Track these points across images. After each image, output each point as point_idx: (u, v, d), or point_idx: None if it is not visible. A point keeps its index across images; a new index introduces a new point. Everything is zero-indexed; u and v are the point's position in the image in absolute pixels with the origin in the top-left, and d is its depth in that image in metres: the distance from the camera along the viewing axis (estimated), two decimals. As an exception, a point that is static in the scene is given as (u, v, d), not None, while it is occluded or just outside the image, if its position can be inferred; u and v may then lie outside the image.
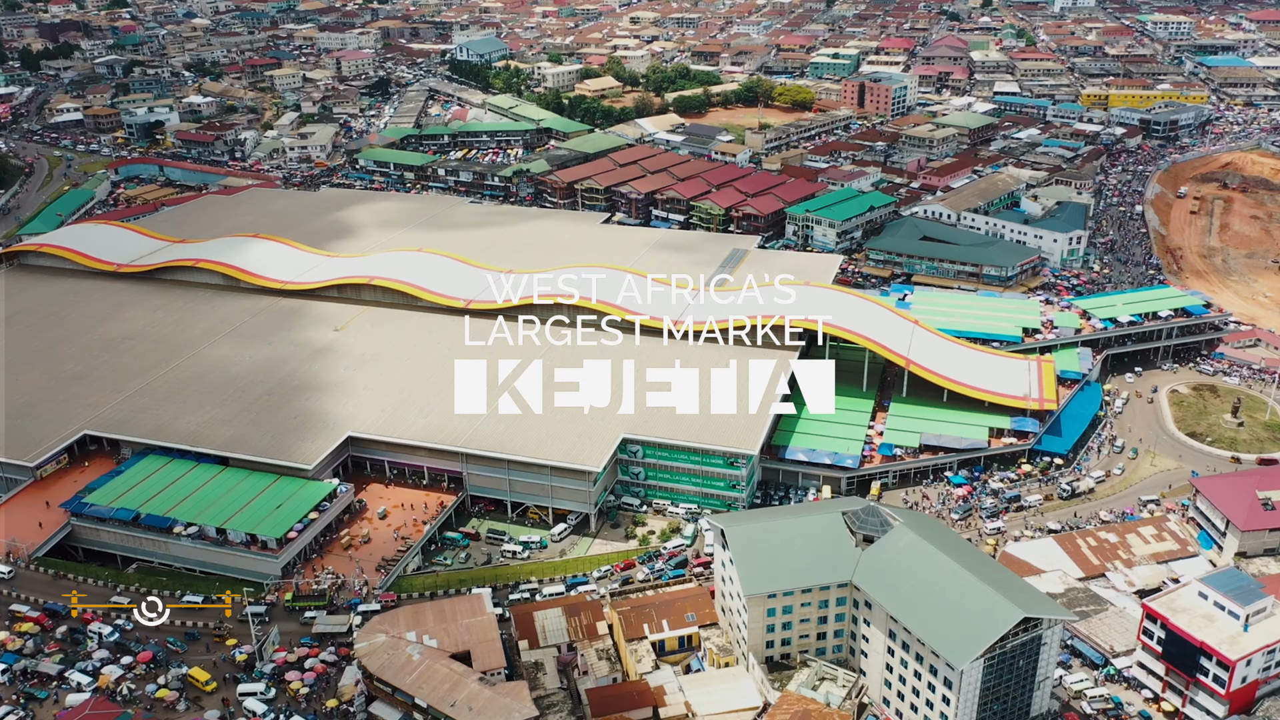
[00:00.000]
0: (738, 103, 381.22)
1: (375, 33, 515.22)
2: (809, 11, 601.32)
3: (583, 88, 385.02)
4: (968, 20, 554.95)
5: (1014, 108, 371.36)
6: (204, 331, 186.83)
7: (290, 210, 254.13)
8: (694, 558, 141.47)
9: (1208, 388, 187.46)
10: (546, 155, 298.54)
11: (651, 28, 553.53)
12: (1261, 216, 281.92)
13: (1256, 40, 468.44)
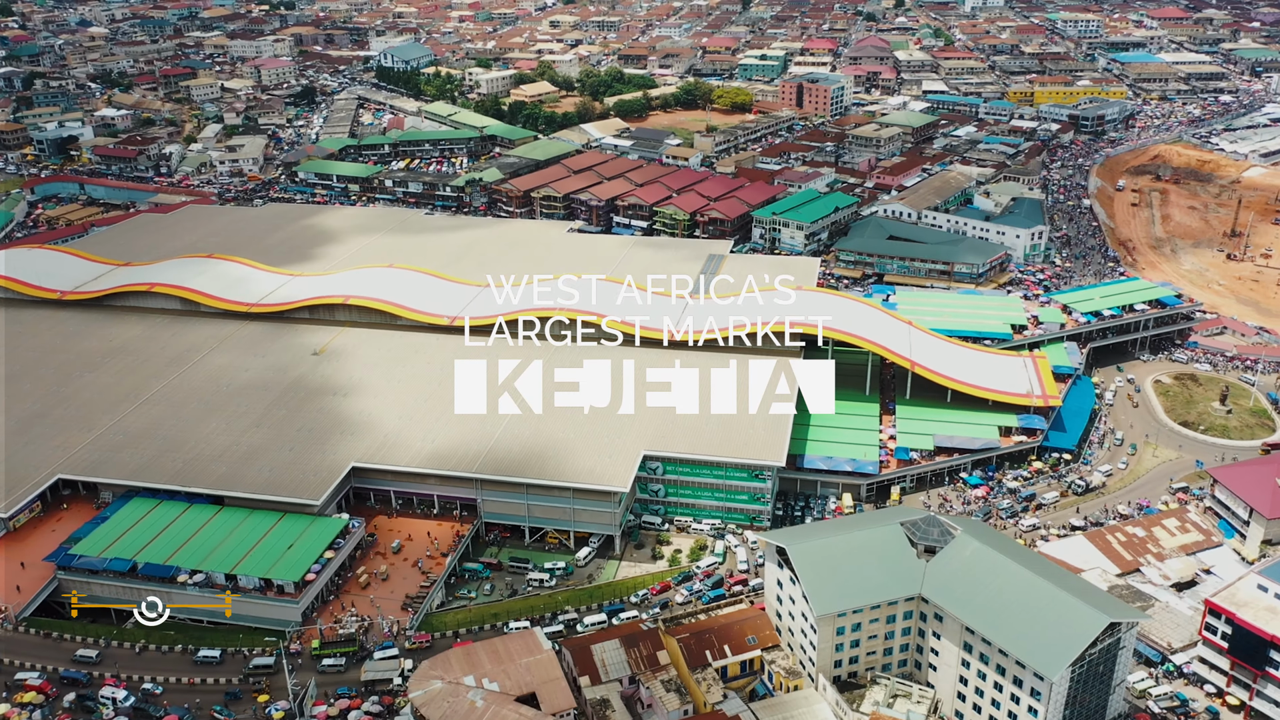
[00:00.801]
0: (676, 105, 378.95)
1: (288, 40, 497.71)
2: (726, 14, 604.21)
3: (518, 93, 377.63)
4: (884, 21, 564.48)
5: (947, 106, 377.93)
6: (169, 361, 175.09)
7: (236, 228, 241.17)
8: (729, 576, 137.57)
9: (1188, 377, 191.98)
10: (498, 163, 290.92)
11: (573, 31, 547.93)
12: (1198, 207, 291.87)
13: (1162, 37, 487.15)
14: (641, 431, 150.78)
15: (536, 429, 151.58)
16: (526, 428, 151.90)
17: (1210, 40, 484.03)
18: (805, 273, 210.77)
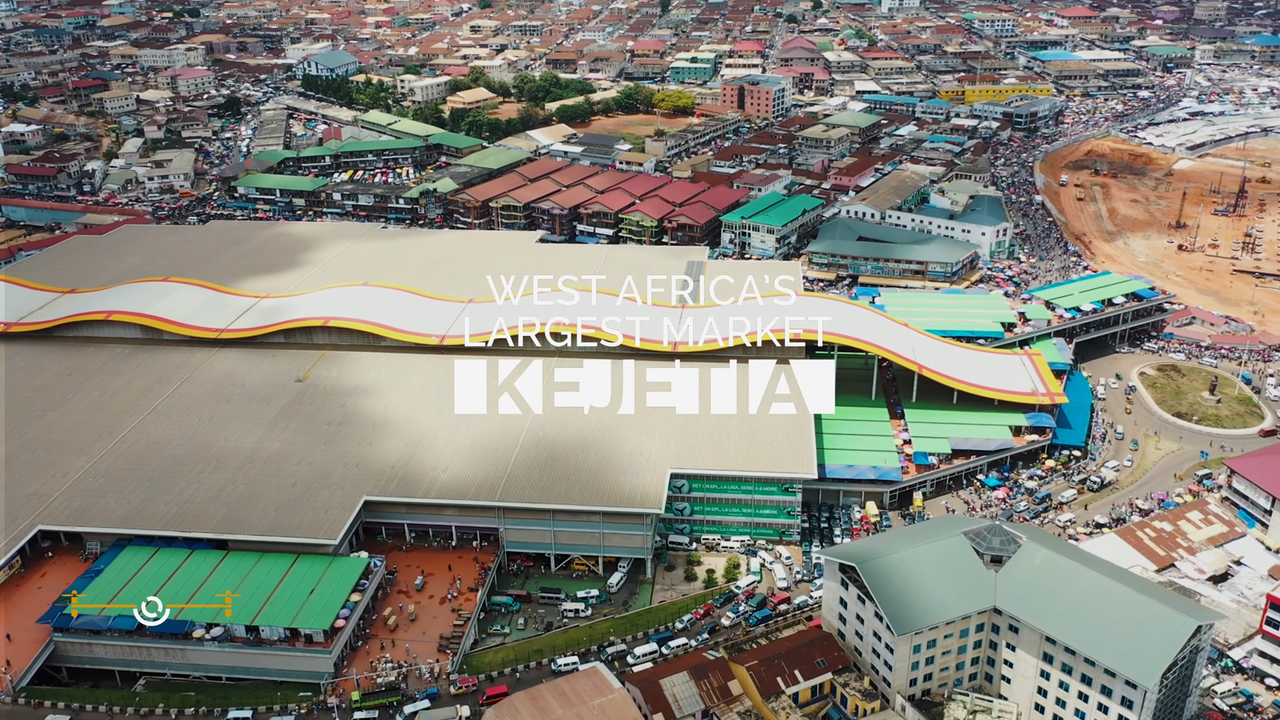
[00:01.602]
0: (617, 110, 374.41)
1: (200, 48, 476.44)
2: (647, 17, 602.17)
3: (455, 100, 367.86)
4: (805, 22, 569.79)
5: (884, 106, 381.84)
6: (139, 395, 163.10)
7: (182, 248, 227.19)
8: (771, 594, 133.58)
9: (1170, 368, 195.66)
10: (450, 173, 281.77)
11: (496, 36, 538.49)
12: (1140, 199, 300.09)
13: (1074, 35, 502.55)
14: (664, 449, 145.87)
15: (553, 451, 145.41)
16: (543, 450, 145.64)
17: (1120, 38, 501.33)
18: (782, 276, 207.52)
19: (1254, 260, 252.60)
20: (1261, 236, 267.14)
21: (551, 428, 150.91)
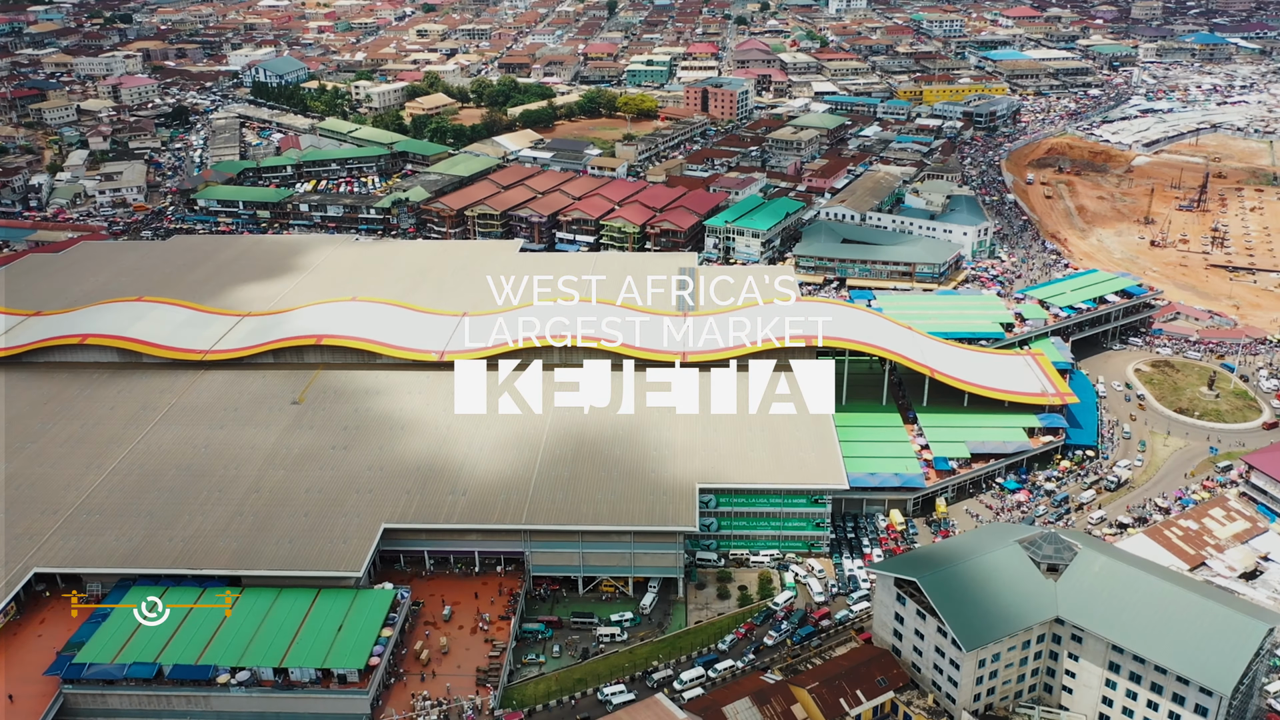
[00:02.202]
0: (580, 114, 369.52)
1: (137, 55, 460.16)
2: (595, 19, 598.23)
3: (414, 106, 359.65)
4: (755, 24, 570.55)
5: (845, 107, 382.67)
6: (126, 422, 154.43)
7: (146, 265, 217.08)
8: (811, 610, 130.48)
9: (1163, 363, 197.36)
10: (421, 182, 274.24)
11: (443, 40, 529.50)
12: (1106, 196, 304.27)
13: (1020, 35, 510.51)
14: (688, 463, 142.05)
15: (575, 469, 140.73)
16: (563, 468, 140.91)
17: (1064, 37, 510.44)
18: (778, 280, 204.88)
19: (1224, 254, 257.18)
20: (1227, 230, 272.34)
21: (569, 444, 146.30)
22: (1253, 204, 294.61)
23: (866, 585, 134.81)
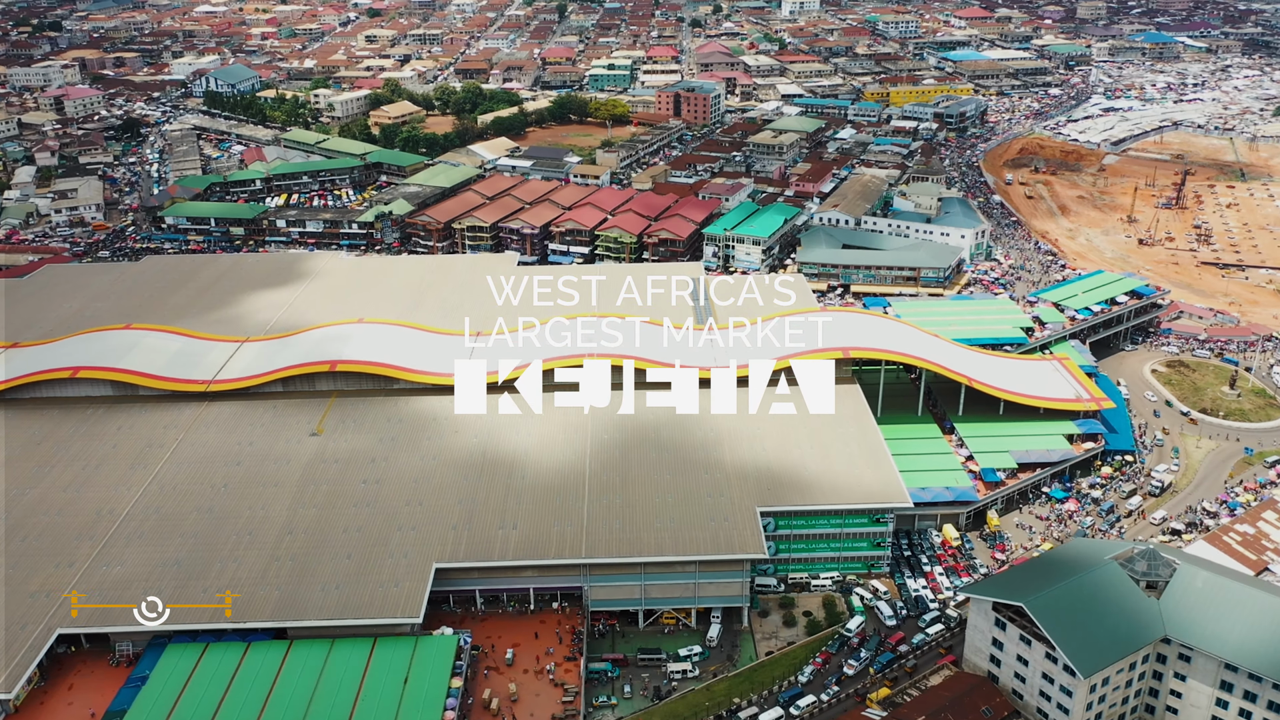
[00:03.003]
0: (551, 120, 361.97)
1: (74, 64, 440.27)
2: (546, 23, 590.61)
3: (380, 115, 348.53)
4: (709, 27, 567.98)
5: (816, 109, 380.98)
6: (132, 462, 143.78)
7: (123, 289, 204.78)
8: (886, 636, 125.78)
9: (1178, 363, 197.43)
10: (402, 193, 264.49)
11: (394, 46, 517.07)
12: (1085, 195, 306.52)
13: (975, 35, 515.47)
14: (742, 484, 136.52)
15: (627, 496, 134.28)
16: (614, 494, 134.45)
17: (1018, 37, 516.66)
18: (800, 290, 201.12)
19: (1212, 251, 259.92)
20: (1209, 227, 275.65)
21: (615, 469, 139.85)
22: (1228, 200, 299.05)
23: (935, 606, 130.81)
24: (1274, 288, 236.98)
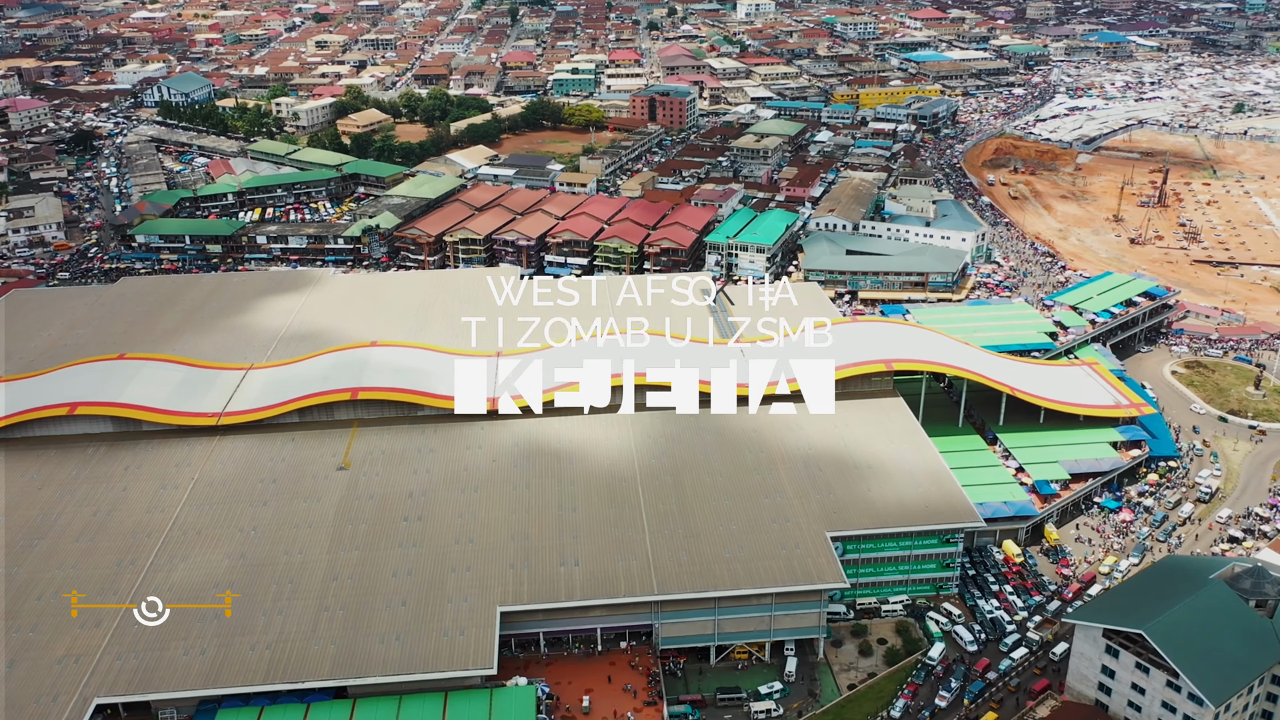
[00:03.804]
0: (525, 127, 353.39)
1: (12, 74, 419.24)
2: (499, 27, 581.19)
3: (347, 124, 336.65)
4: (667, 29, 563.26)
5: (789, 112, 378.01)
6: (148, 506, 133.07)
7: (104, 315, 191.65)
8: (973, 664, 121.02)
9: (1196, 364, 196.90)
10: (386, 206, 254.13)
11: (346, 52, 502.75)
12: (1068, 195, 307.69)
13: (935, 37, 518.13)
14: (803, 506, 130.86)
15: (688, 525, 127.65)
16: (675, 523, 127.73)
17: (974, 38, 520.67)
18: (815, 298, 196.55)
19: (1202, 249, 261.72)
20: (1194, 225, 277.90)
21: (668, 493, 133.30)
22: (1208, 198, 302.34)
23: (1012, 627, 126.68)
24: (1270, 285, 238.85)
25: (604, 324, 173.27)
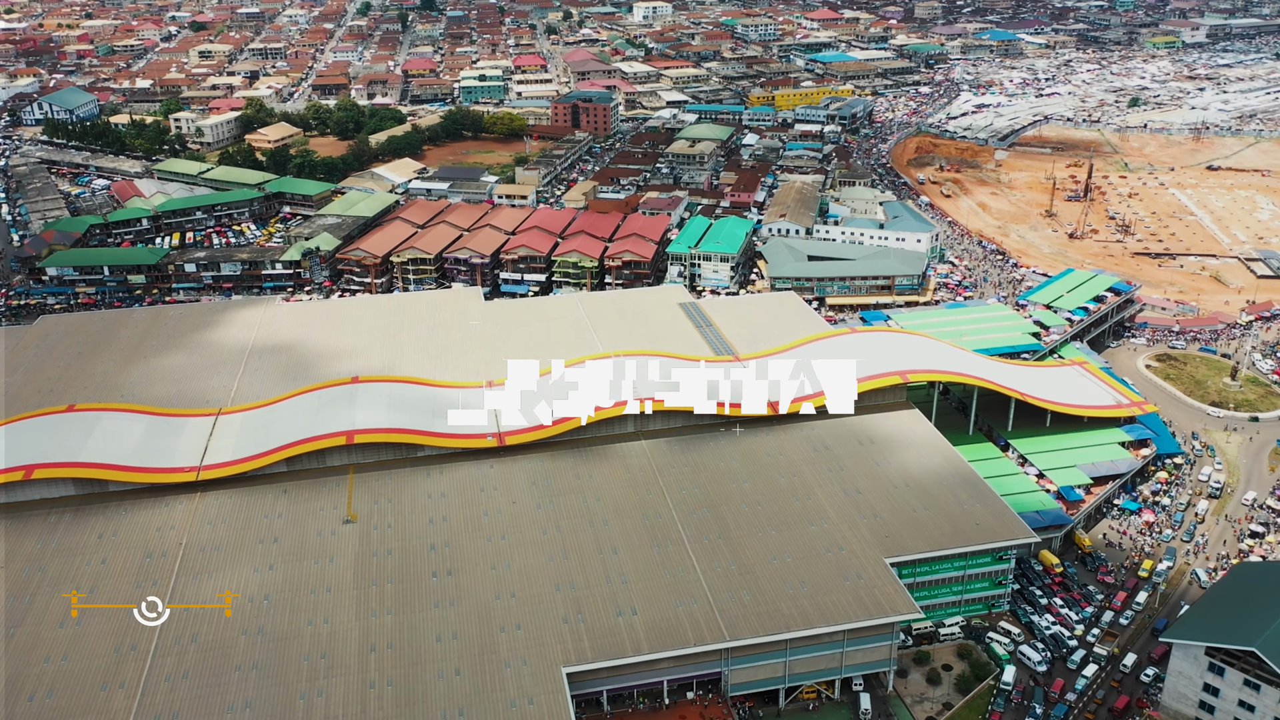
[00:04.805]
0: (445, 138, 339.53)
1: None
2: (390, 33, 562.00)
3: (258, 139, 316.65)
4: (565, 34, 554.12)
5: (710, 115, 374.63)
6: (135, 578, 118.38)
7: (31, 361, 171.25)
8: (1050, 685, 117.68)
9: (1166, 356, 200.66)
10: (323, 226, 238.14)
11: (232, 62, 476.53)
12: (998, 192, 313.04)
13: (835, 37, 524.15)
14: (853, 532, 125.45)
15: (740, 560, 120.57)
16: (725, 559, 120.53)
17: (873, 38, 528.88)
18: (795, 309, 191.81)
19: (1138, 242, 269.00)
20: (1122, 218, 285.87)
21: (710, 526, 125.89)
22: (1128, 190, 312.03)
23: (1073, 642, 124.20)
24: (1209, 274, 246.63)
25: (590, 345, 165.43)
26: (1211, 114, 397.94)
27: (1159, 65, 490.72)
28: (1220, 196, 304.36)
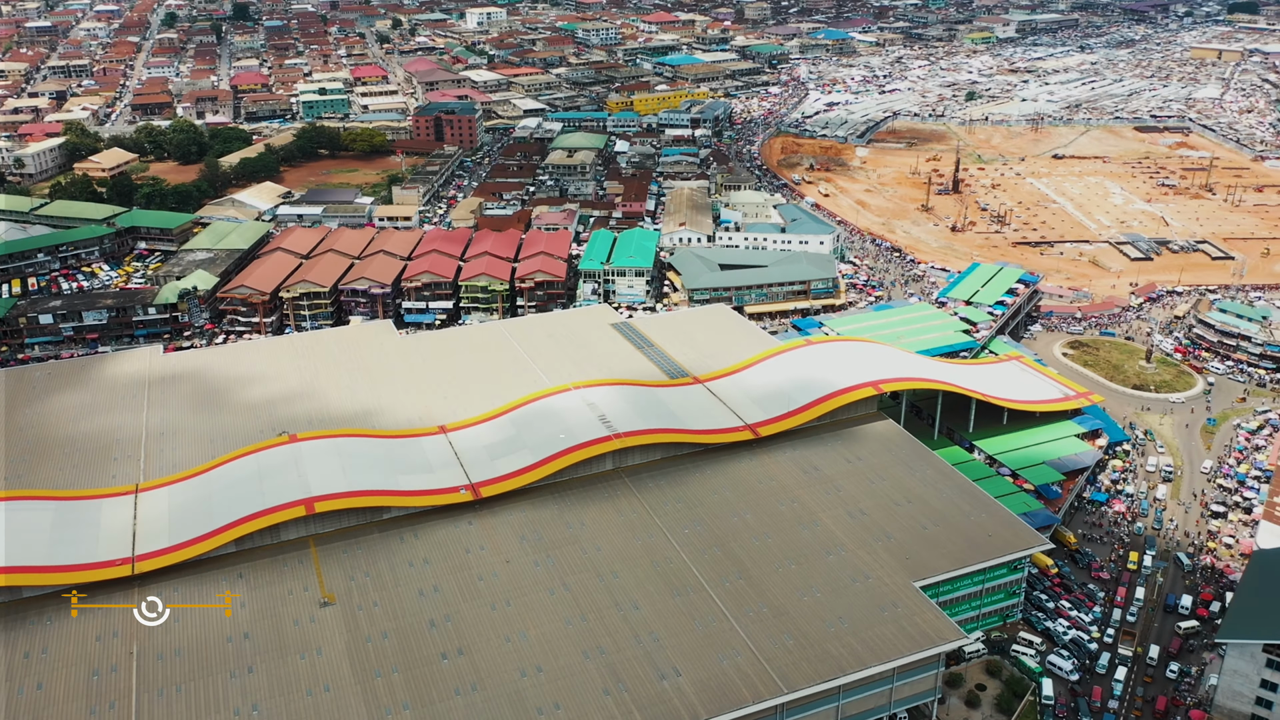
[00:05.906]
0: (301, 158, 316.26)
1: None
2: (205, 46, 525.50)
3: (90, 167, 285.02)
4: (399, 43, 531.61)
5: (573, 123, 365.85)
6: (87, 707, 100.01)
7: None
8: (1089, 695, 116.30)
9: (1078, 343, 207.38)
10: (195, 263, 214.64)
11: (30, 82, 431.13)
12: (872, 189, 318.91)
13: (678, 40, 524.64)
14: (874, 558, 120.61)
15: (770, 601, 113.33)
16: (753, 602, 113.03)
17: (714, 40, 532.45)
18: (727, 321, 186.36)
19: (1015, 231, 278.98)
20: (993, 209, 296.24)
21: (727, 569, 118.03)
22: (990, 181, 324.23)
23: (1093, 646, 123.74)
24: (1088, 259, 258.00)
25: (535, 376, 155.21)
26: (1042, 105, 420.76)
27: (982, 60, 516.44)
28: (1074, 184, 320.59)
